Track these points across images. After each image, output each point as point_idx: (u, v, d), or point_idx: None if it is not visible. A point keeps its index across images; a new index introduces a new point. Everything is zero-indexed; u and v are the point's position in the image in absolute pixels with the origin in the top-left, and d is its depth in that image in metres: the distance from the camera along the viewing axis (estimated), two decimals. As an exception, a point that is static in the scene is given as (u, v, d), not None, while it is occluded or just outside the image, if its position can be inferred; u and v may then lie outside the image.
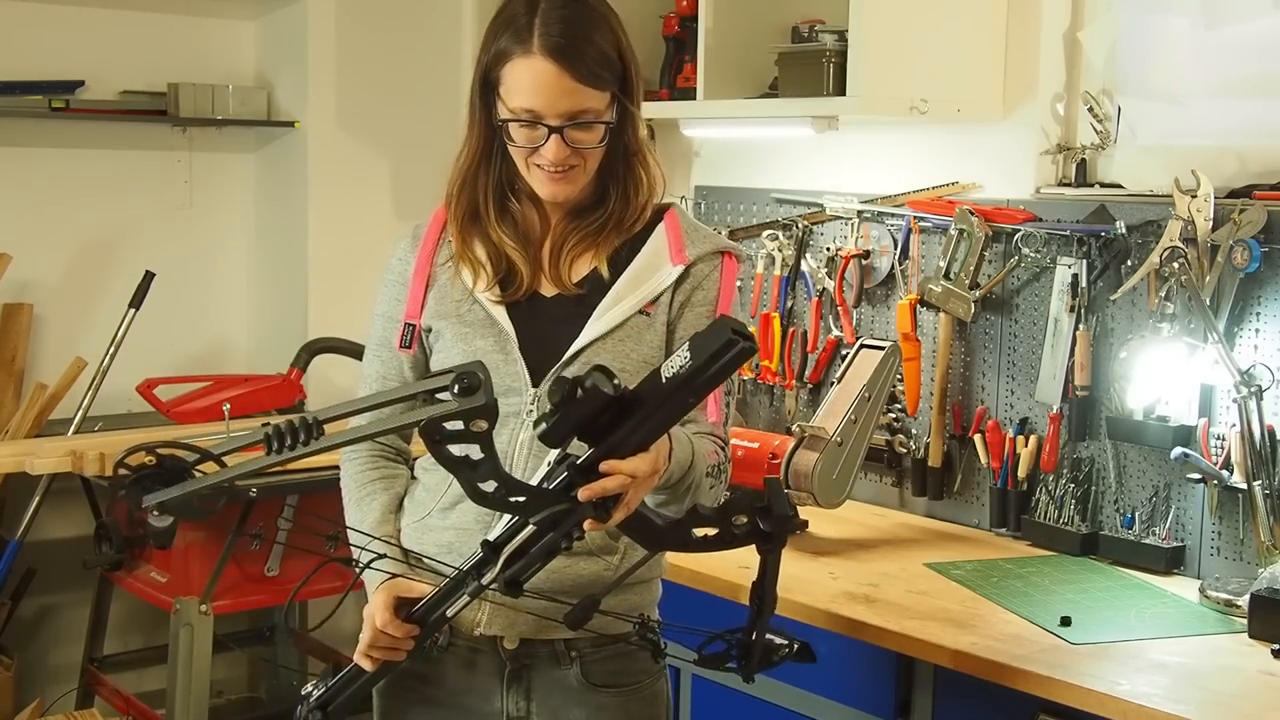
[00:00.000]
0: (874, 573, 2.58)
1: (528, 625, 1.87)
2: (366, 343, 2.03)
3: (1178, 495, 2.61)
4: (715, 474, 1.84)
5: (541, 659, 1.90)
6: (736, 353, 1.49)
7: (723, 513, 1.66)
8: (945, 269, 2.92)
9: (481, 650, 1.90)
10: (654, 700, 1.96)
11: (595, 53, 1.80)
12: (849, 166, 3.21)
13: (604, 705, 1.90)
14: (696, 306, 1.91)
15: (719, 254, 1.93)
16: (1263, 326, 2.49)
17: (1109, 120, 2.82)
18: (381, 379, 1.98)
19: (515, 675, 1.90)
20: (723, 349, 1.48)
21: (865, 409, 2.78)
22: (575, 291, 1.90)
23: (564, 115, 1.80)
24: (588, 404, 1.51)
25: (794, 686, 2.46)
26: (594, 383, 1.50)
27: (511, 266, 1.90)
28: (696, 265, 1.91)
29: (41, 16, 3.67)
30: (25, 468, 3.11)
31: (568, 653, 1.89)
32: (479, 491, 1.55)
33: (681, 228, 1.94)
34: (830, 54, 2.82)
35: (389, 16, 3.96)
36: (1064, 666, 2.09)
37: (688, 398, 1.53)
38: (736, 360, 1.50)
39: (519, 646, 1.89)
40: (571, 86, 1.79)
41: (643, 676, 1.94)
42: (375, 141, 3.96)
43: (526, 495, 1.58)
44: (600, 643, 1.89)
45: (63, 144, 3.74)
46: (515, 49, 1.80)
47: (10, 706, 3.36)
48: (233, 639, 3.69)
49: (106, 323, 3.59)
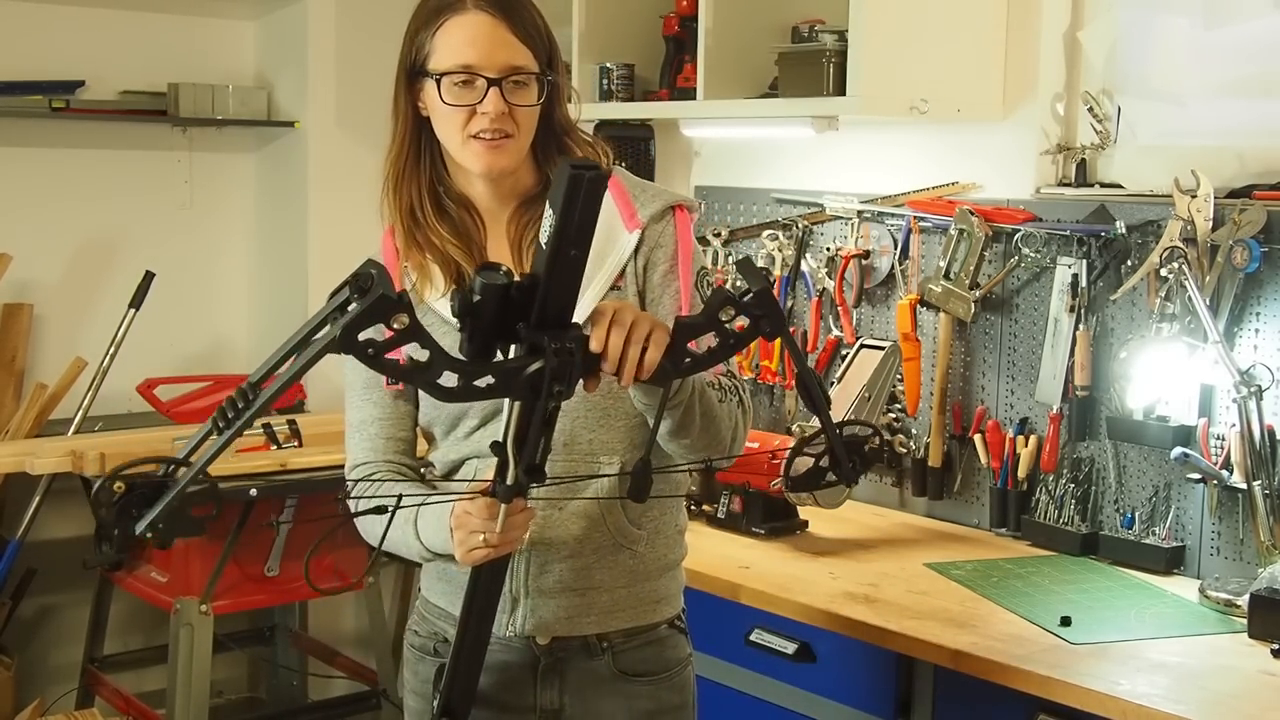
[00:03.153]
0: (874, 573, 2.58)
1: (559, 623, 1.87)
2: (347, 396, 1.97)
3: (1178, 495, 2.61)
4: (719, 388, 1.81)
5: (574, 652, 1.90)
6: (588, 184, 1.44)
7: (708, 318, 1.59)
8: (945, 269, 2.92)
9: (514, 648, 1.91)
10: (684, 688, 1.97)
11: (527, 15, 1.83)
12: (849, 166, 3.21)
13: (636, 694, 1.91)
14: (658, 265, 1.88)
15: (670, 208, 1.91)
16: (1263, 326, 2.49)
17: (1109, 120, 2.82)
18: (379, 421, 1.93)
19: (549, 670, 1.91)
20: (572, 188, 1.43)
21: (865, 409, 2.78)
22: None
23: (501, 68, 1.79)
24: (488, 303, 1.47)
25: (794, 686, 2.46)
26: (484, 281, 1.47)
27: (460, 269, 1.88)
28: (649, 226, 1.89)
29: (41, 16, 3.67)
30: (25, 468, 3.11)
31: (599, 644, 1.90)
32: (443, 389, 1.50)
33: (628, 191, 1.91)
34: (830, 54, 2.81)
35: (389, 17, 3.93)
36: (1064, 666, 2.09)
37: (570, 250, 1.48)
38: (592, 193, 1.45)
39: (551, 642, 1.90)
40: (506, 38, 1.80)
41: (674, 665, 1.95)
42: (375, 141, 3.88)
43: (493, 374, 1.51)
44: (632, 633, 1.91)
45: (63, 144, 3.73)
46: (448, 13, 1.83)
47: (10, 706, 3.36)
48: (233, 639, 3.69)
49: (106, 323, 3.59)
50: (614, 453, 1.87)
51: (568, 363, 1.51)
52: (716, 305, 1.58)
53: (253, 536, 3.20)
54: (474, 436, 1.89)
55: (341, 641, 3.94)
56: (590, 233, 1.49)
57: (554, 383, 1.51)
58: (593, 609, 1.88)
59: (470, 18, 1.81)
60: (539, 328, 1.50)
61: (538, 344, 1.50)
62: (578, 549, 1.86)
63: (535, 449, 1.56)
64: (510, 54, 1.80)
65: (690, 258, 1.90)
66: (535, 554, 1.86)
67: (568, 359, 1.51)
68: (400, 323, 1.44)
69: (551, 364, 1.50)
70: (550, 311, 1.50)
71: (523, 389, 1.52)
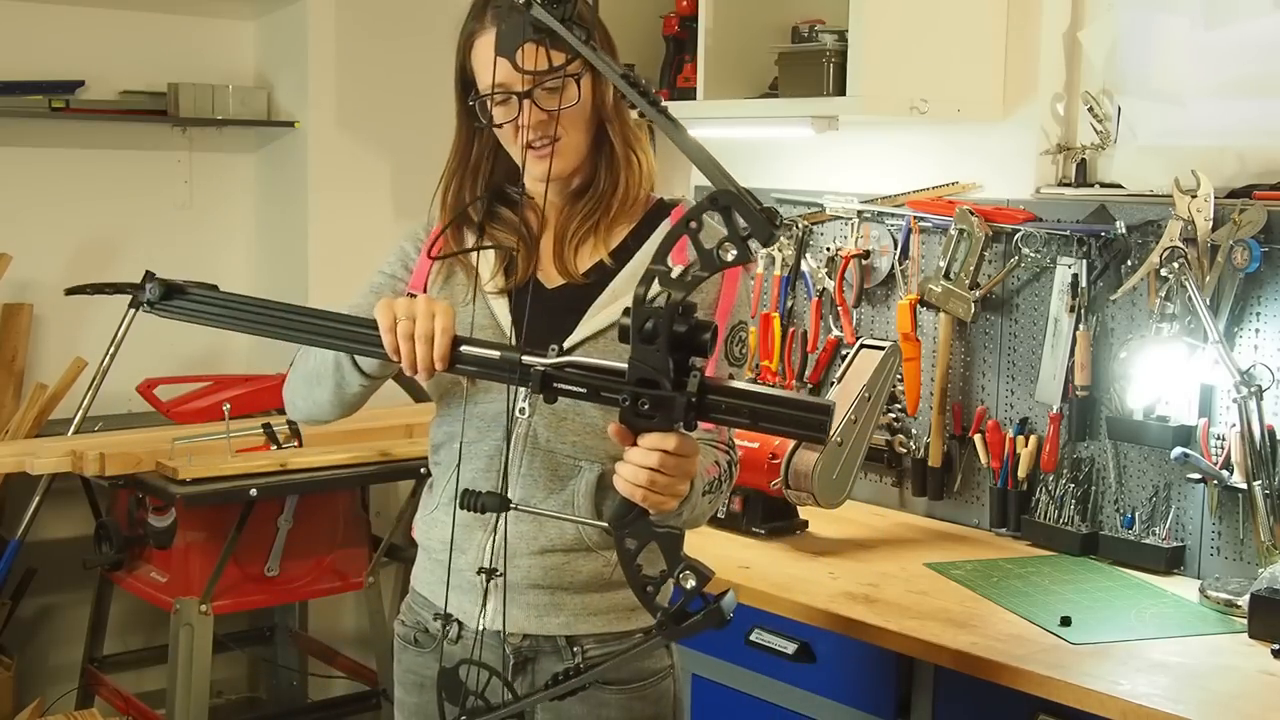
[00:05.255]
0: (874, 573, 2.58)
1: (528, 620, 1.87)
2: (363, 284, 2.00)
3: (1178, 495, 2.61)
4: (714, 488, 1.83)
5: (545, 654, 1.90)
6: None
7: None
8: (945, 269, 2.92)
9: (487, 645, 1.90)
10: (659, 700, 1.94)
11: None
12: (849, 166, 3.21)
13: (606, 702, 1.89)
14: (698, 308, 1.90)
15: None
16: (1263, 326, 2.49)
17: (1109, 120, 2.82)
18: (360, 310, 1.89)
19: (519, 669, 1.90)
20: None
21: (865, 409, 2.78)
22: (581, 282, 1.89)
23: (529, 79, 1.79)
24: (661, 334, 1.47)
25: (794, 686, 2.46)
26: (689, 315, 1.47)
27: (510, 259, 1.91)
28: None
29: (41, 16, 3.67)
30: (25, 468, 3.11)
31: (570, 647, 1.89)
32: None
33: None
34: (830, 54, 2.81)
35: (389, 16, 3.97)
36: (1064, 666, 2.09)
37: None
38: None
39: (523, 641, 1.89)
40: (528, 49, 1.80)
41: (648, 675, 1.93)
42: (375, 142, 3.97)
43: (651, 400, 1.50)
44: (604, 638, 1.90)
45: (63, 144, 3.74)
46: (474, 33, 1.85)
47: (10, 706, 3.36)
48: (233, 639, 3.69)
49: (106, 323, 3.59)
50: (595, 459, 1.87)
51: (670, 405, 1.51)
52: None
53: (253, 536, 3.21)
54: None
55: (341, 641, 3.94)
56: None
57: (654, 408, 1.51)
58: (562, 609, 1.88)
59: (492, 35, 1.81)
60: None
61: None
62: (548, 547, 1.86)
63: (569, 382, 1.55)
64: (537, 62, 1.80)
65: (729, 313, 1.89)
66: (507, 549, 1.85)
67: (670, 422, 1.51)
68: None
69: (666, 408, 1.50)
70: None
71: (609, 383, 1.53)
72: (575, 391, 1.55)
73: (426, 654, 1.96)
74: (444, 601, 1.89)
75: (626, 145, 1.91)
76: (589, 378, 1.54)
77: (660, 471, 1.55)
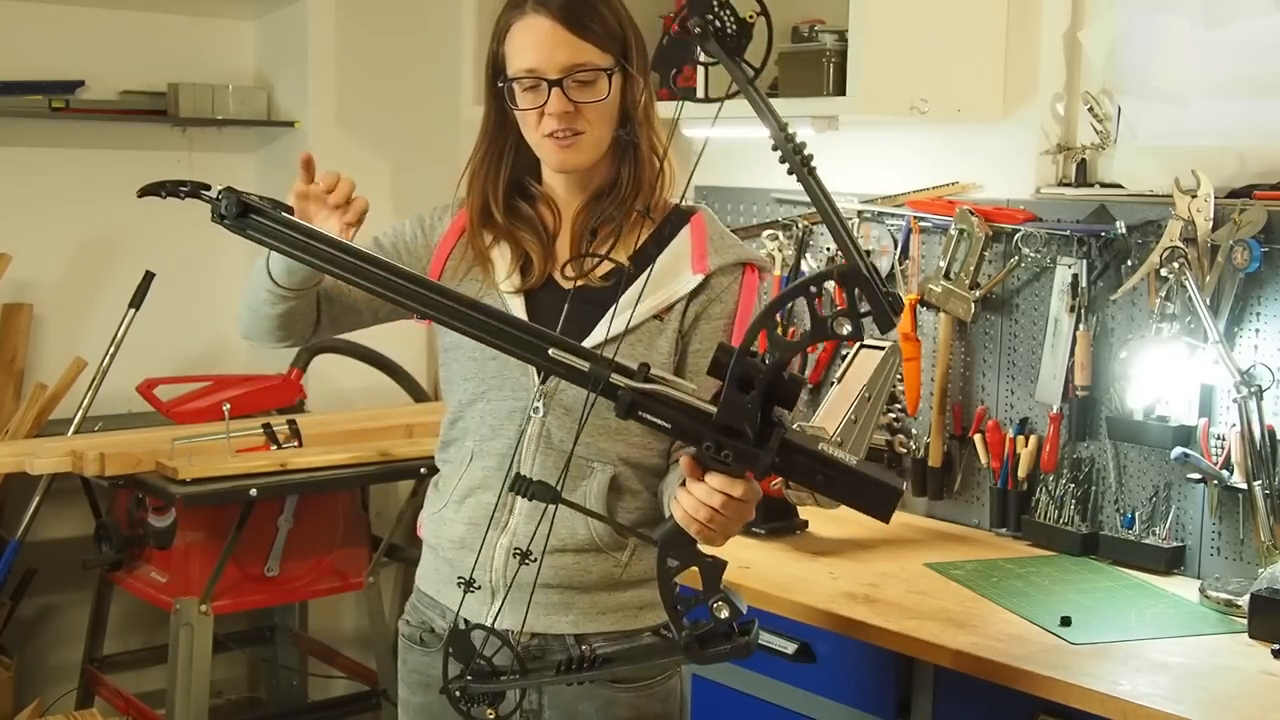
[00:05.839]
0: (874, 573, 2.58)
1: (537, 619, 1.87)
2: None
3: (1178, 495, 2.61)
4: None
5: (553, 653, 1.90)
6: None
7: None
8: (945, 269, 2.92)
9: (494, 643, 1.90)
10: (666, 698, 1.95)
11: (590, 11, 1.84)
12: (849, 166, 3.21)
13: (614, 701, 1.90)
14: (714, 319, 1.89)
15: (740, 266, 1.91)
16: (1263, 326, 2.49)
17: (1109, 120, 2.82)
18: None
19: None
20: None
21: (865, 409, 2.77)
22: (599, 284, 1.89)
23: (562, 68, 1.81)
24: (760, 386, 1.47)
25: (794, 686, 2.46)
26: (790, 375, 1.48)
27: (527, 257, 1.91)
28: (716, 276, 1.89)
29: (41, 16, 3.67)
30: (25, 468, 3.11)
31: (579, 646, 1.89)
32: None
33: (707, 234, 1.92)
34: (830, 54, 2.81)
35: (389, 16, 3.96)
36: (1064, 666, 2.09)
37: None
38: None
39: (531, 639, 1.89)
40: (565, 38, 1.81)
41: (655, 673, 1.93)
42: (375, 141, 3.96)
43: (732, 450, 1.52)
44: (612, 637, 1.90)
45: (63, 144, 3.73)
46: (514, 17, 1.86)
47: (10, 706, 3.36)
48: (233, 639, 3.69)
49: (106, 323, 3.59)
50: (607, 460, 1.87)
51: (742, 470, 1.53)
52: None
53: (253, 536, 3.21)
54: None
55: (341, 641, 3.94)
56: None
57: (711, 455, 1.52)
58: (571, 608, 1.88)
59: (530, 21, 1.83)
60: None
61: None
62: (559, 546, 1.86)
63: (648, 409, 1.54)
64: (572, 53, 1.82)
65: (747, 323, 1.89)
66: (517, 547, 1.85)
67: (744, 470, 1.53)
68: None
69: (744, 457, 1.51)
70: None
71: (691, 430, 1.53)
72: (658, 424, 1.53)
73: (432, 654, 1.96)
74: (451, 600, 1.89)
75: (652, 150, 1.92)
76: (675, 415, 1.53)
77: (720, 513, 1.56)
